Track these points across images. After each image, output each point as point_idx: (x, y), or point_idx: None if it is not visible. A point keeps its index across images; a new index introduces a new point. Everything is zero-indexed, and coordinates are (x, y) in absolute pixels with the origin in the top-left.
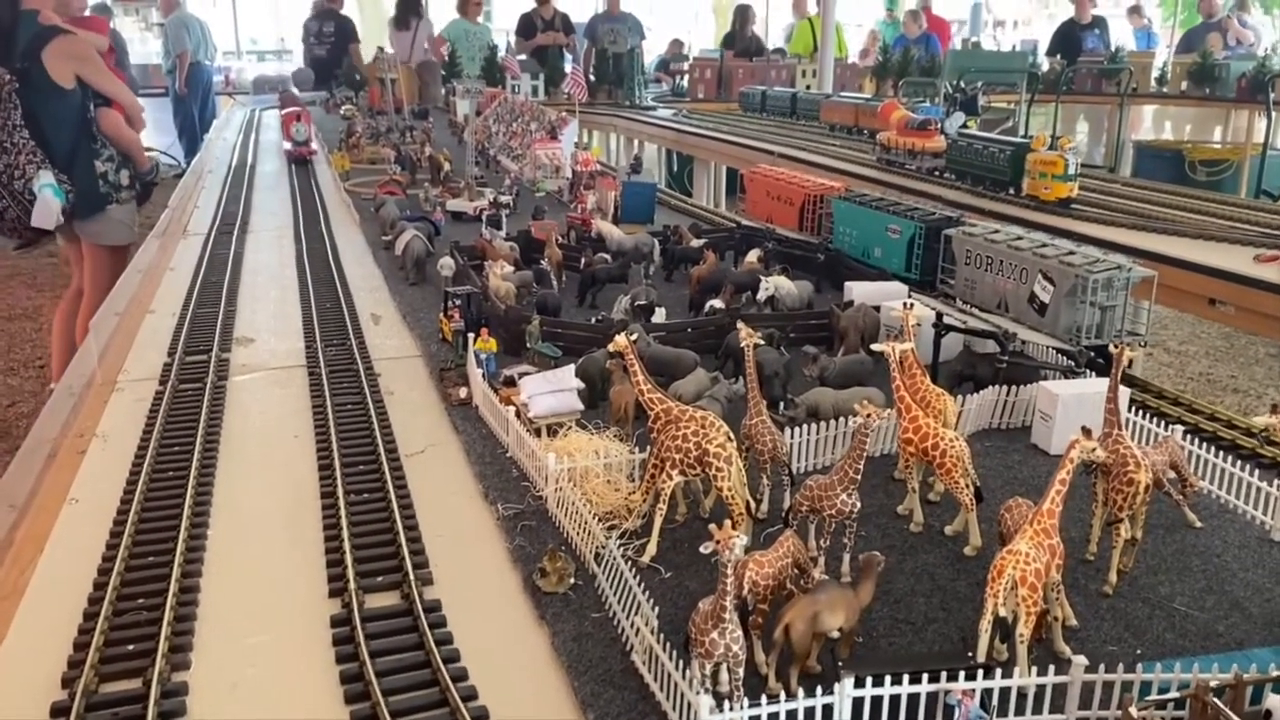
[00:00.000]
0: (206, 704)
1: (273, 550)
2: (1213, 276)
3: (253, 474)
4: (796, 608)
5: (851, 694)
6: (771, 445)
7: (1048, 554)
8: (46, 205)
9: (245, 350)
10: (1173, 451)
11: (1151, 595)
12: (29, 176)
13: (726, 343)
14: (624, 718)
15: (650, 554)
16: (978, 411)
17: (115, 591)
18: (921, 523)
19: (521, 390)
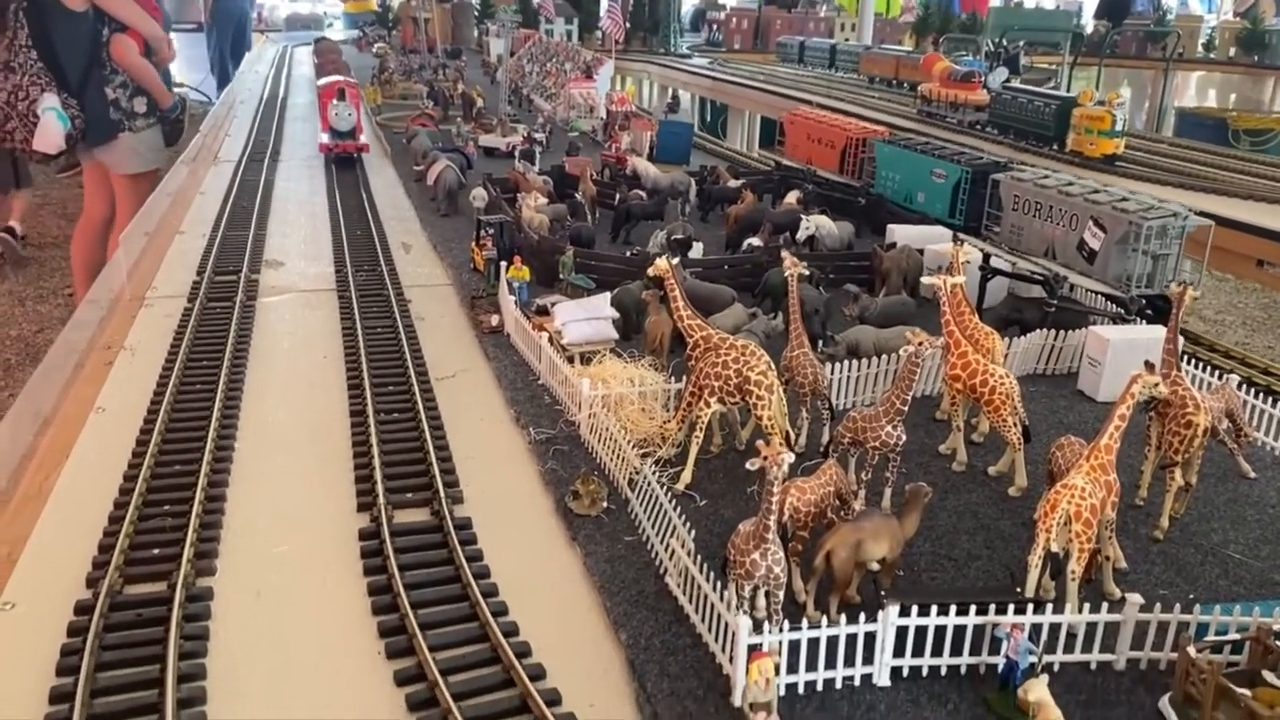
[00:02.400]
0: (231, 609)
1: (300, 464)
2: (1263, 237)
3: (281, 391)
4: (839, 535)
5: (896, 622)
6: (812, 378)
7: (1104, 490)
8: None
9: (275, 273)
10: (1229, 399)
11: (1204, 542)
12: (33, 99)
13: (766, 279)
14: (657, 638)
15: (685, 481)
16: (1024, 356)
17: (140, 498)
18: (965, 462)
19: (556, 317)
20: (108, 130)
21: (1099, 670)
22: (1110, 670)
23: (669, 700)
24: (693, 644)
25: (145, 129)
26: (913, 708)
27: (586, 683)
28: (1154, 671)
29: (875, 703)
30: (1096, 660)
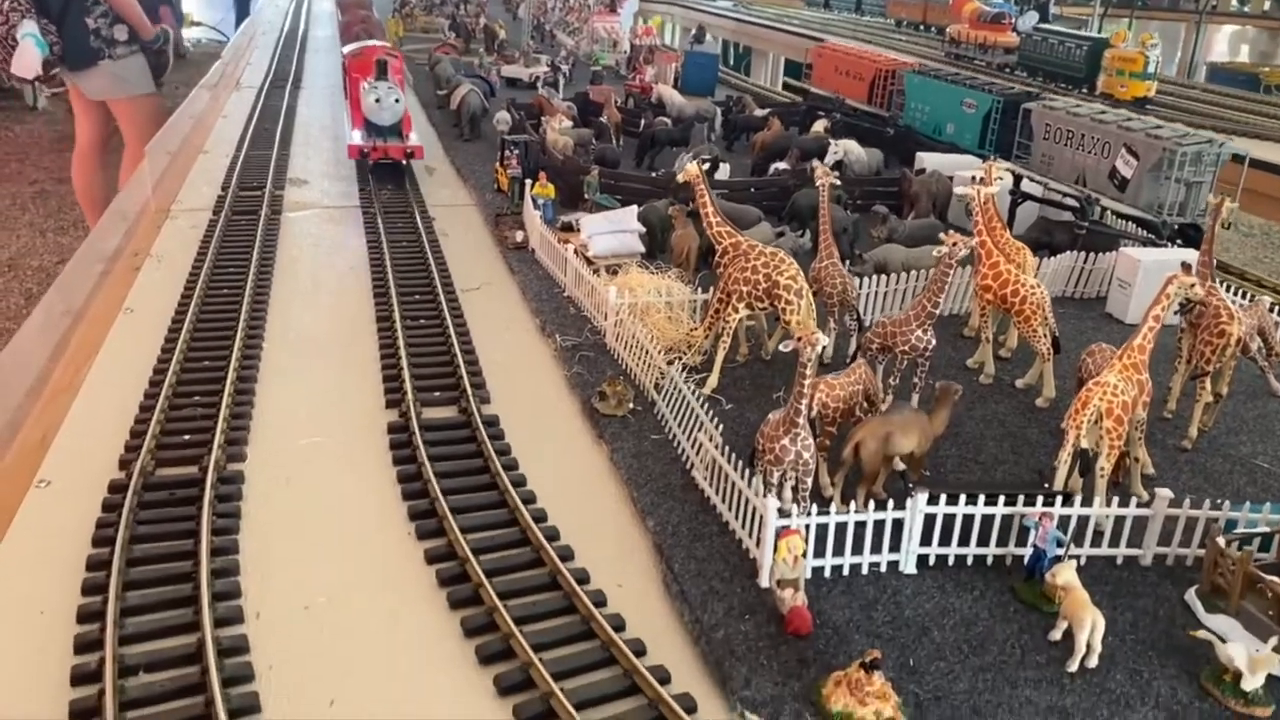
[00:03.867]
0: (262, 493)
1: (328, 365)
2: None
3: (307, 298)
4: (869, 427)
5: (924, 510)
6: (841, 289)
7: (1136, 389)
8: (26, 54)
9: (299, 190)
10: (1261, 316)
11: (1232, 453)
12: (13, 24)
13: (793, 202)
14: (684, 526)
15: (712, 386)
16: (1053, 277)
17: (170, 389)
18: (992, 374)
19: (582, 229)
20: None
21: (1125, 564)
22: (1136, 565)
23: (695, 580)
24: (719, 531)
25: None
26: (938, 594)
27: (614, 564)
28: (1180, 567)
29: (901, 588)
30: (1123, 555)
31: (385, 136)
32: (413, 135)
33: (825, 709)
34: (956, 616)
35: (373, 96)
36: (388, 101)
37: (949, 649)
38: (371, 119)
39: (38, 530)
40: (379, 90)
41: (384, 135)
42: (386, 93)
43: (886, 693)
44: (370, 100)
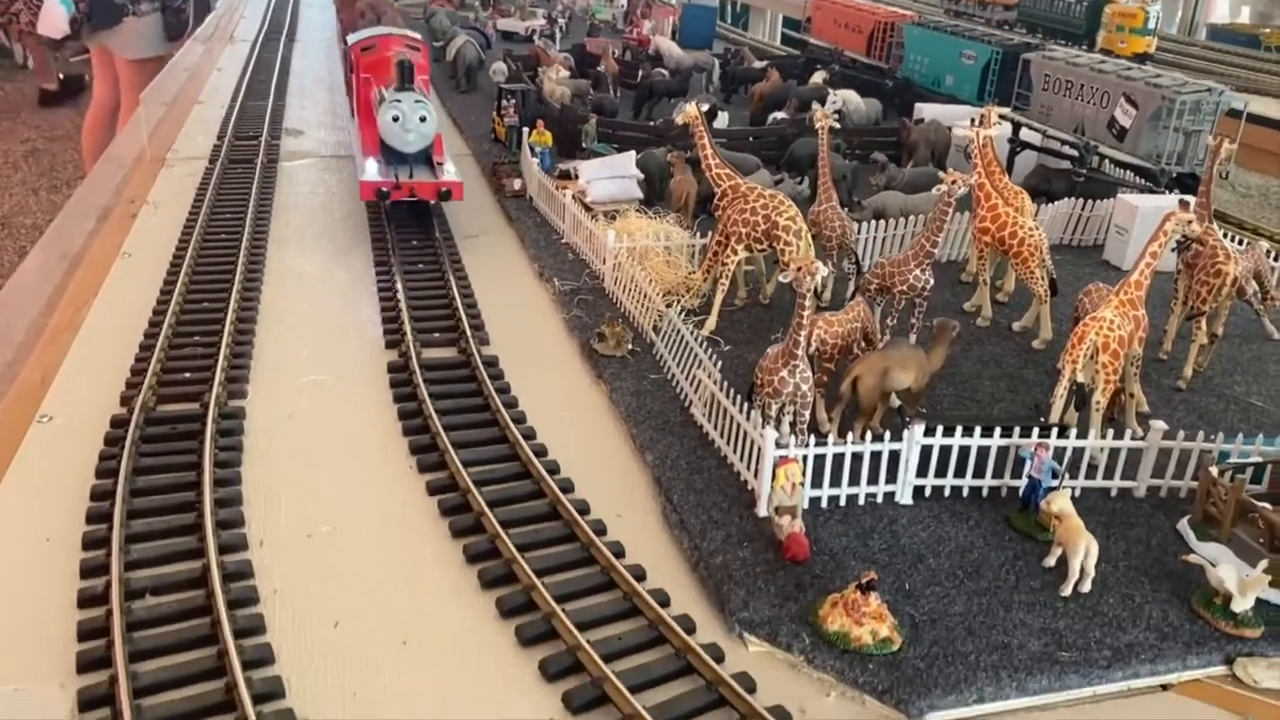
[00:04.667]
0: (263, 428)
1: (327, 307)
2: None
3: (306, 243)
4: (867, 362)
5: (920, 441)
6: (840, 232)
7: (1132, 324)
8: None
9: (295, 140)
10: (1258, 260)
11: (1226, 392)
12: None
13: (791, 151)
14: (682, 460)
15: (710, 327)
16: (1051, 224)
17: (170, 329)
18: (989, 317)
19: (580, 175)
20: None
21: (1119, 496)
22: (1130, 497)
23: (694, 510)
24: (717, 465)
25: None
26: (934, 523)
27: (614, 496)
28: (1173, 499)
29: (897, 517)
30: (1118, 487)
31: (410, 167)
32: (447, 163)
33: (822, 629)
34: (952, 544)
35: (391, 114)
36: (412, 120)
37: (944, 575)
38: (391, 144)
39: (40, 463)
40: (401, 105)
41: (408, 165)
42: (411, 108)
43: (882, 613)
44: (388, 119)
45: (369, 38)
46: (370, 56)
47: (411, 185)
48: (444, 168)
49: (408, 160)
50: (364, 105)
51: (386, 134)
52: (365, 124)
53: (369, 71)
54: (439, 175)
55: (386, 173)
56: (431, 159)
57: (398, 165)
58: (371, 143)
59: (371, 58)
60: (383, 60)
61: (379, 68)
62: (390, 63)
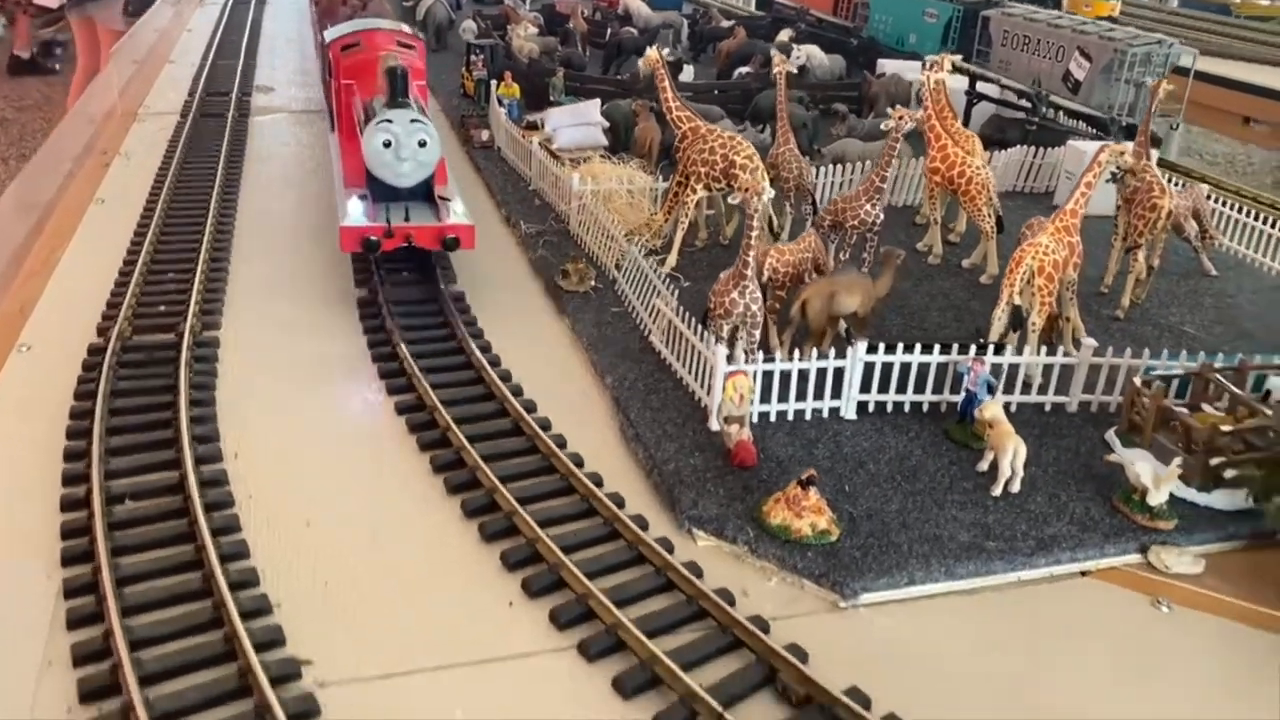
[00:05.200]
0: (236, 355)
1: (299, 248)
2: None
3: (278, 191)
4: (815, 286)
5: (863, 358)
6: (797, 173)
7: (1067, 250)
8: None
9: (265, 97)
10: (1197, 199)
11: (1162, 321)
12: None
13: (755, 103)
14: (640, 383)
15: (671, 265)
16: (1004, 170)
17: (145, 266)
18: (941, 255)
19: (546, 123)
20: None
21: (1053, 411)
22: (1063, 411)
23: (650, 425)
24: (674, 387)
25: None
26: (875, 434)
27: (575, 415)
28: (1103, 413)
29: (841, 430)
30: (1051, 402)
31: (405, 206)
32: (454, 200)
33: (765, 523)
34: (891, 453)
35: (380, 137)
36: (408, 145)
37: (883, 478)
38: (380, 175)
39: (19, 388)
40: (394, 127)
41: (401, 202)
42: (407, 131)
43: (821, 507)
44: (376, 144)
45: (352, 33)
46: (354, 58)
47: (407, 231)
48: (449, 206)
49: (400, 195)
50: (346, 121)
51: (374, 163)
52: (348, 146)
53: (352, 77)
54: (442, 216)
55: (374, 214)
56: (431, 191)
57: (388, 203)
58: (355, 172)
59: (355, 59)
60: (369, 63)
61: (365, 73)
62: (378, 68)
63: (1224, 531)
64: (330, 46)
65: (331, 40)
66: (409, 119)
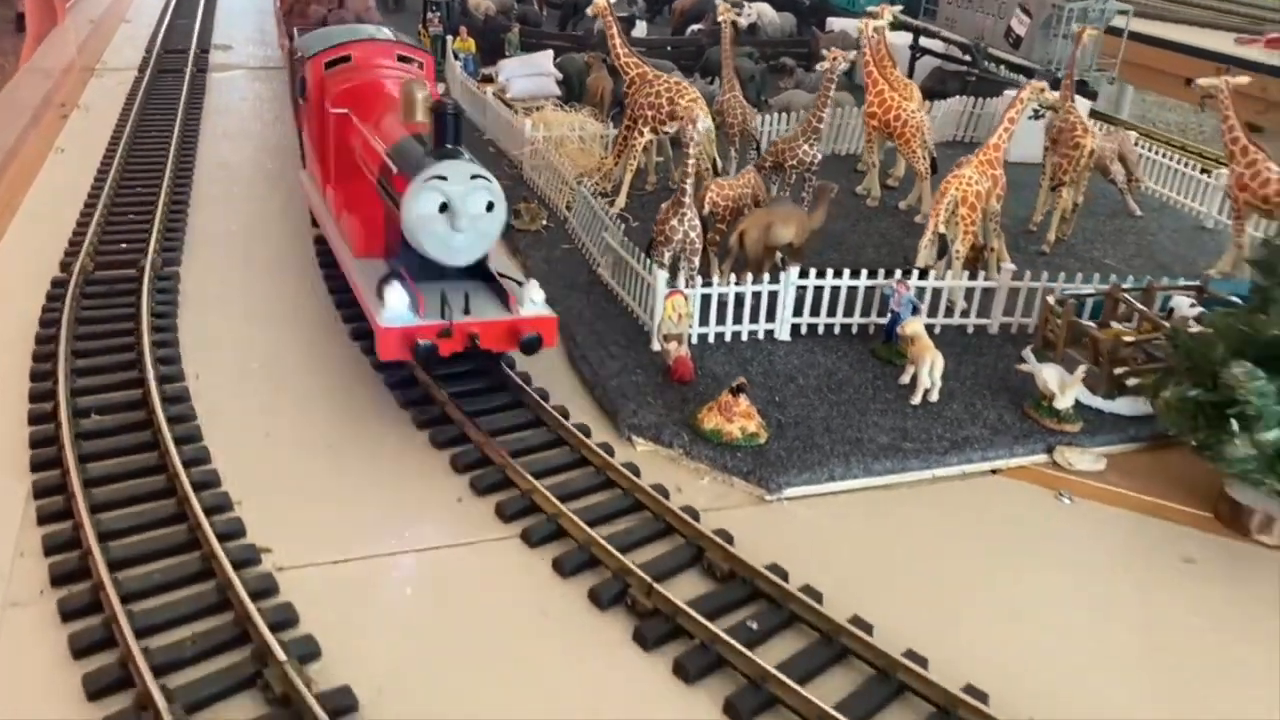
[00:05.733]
0: (197, 288)
1: (257, 193)
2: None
3: (236, 141)
4: (753, 218)
5: (796, 283)
6: (741, 119)
7: (990, 182)
8: None
9: (224, 54)
10: (1122, 143)
11: (1085, 256)
12: None
13: (706, 57)
14: (587, 311)
15: (620, 205)
16: (944, 120)
17: (106, 208)
18: (878, 198)
19: (500, 72)
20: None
21: (975, 332)
22: (985, 333)
23: (595, 348)
24: (618, 314)
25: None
26: (807, 354)
27: None
28: (1022, 334)
29: (775, 351)
30: (973, 324)
31: (463, 292)
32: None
33: (699, 429)
34: (821, 369)
35: (433, 201)
36: (468, 213)
37: (811, 390)
38: (428, 250)
39: None
40: (451, 188)
41: (448, 282)
42: (470, 192)
43: (751, 413)
44: (427, 209)
45: (339, 45)
46: (346, 79)
47: (471, 330)
48: (522, 291)
49: (445, 273)
50: (344, 164)
51: (420, 233)
52: (352, 198)
53: (347, 103)
54: (514, 306)
55: (426, 307)
56: (484, 268)
57: (431, 283)
58: (373, 238)
59: (349, 80)
60: (370, 87)
61: (365, 99)
62: (383, 93)
63: (1125, 434)
64: (310, 63)
65: (311, 54)
66: (469, 174)
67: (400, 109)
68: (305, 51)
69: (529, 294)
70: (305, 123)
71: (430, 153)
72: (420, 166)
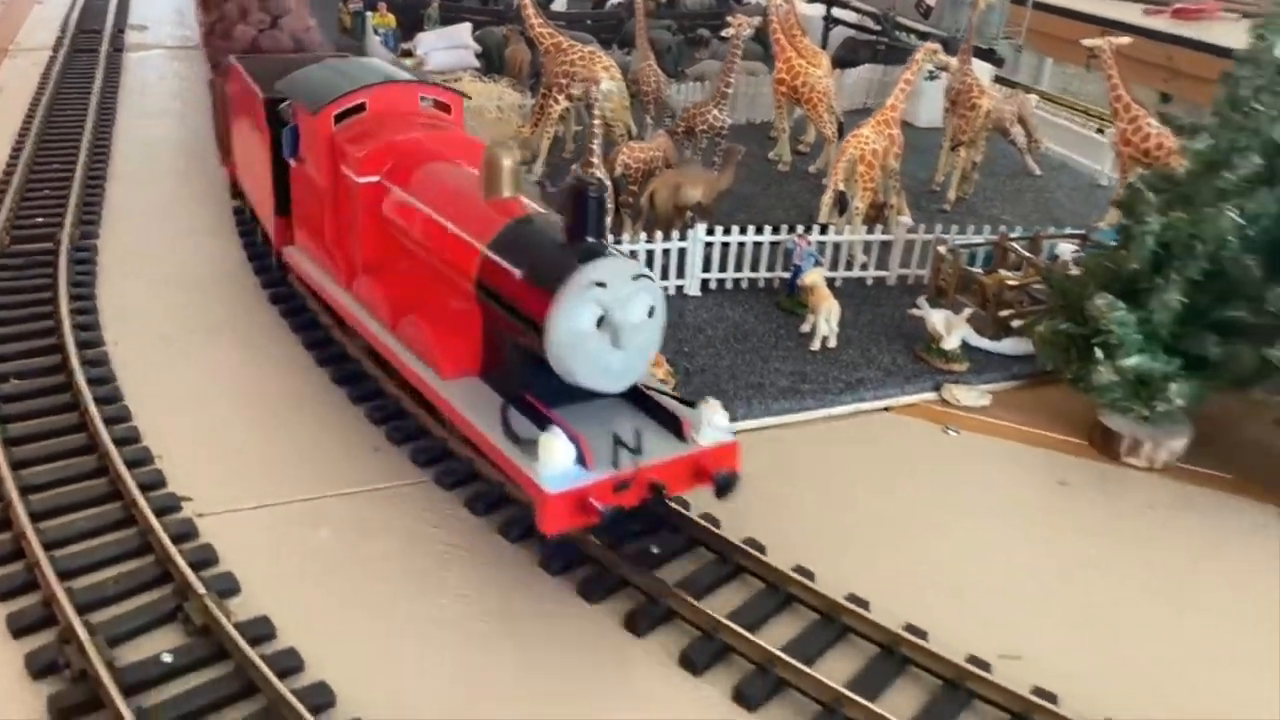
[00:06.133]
0: (116, 259)
1: (176, 168)
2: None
3: (154, 119)
4: (662, 179)
5: (703, 239)
6: (655, 87)
7: (887, 140)
8: None
9: (140, 34)
10: (1022, 105)
11: (984, 213)
12: None
13: (624, 31)
14: None
15: (538, 173)
16: (854, 87)
17: (21, 184)
18: (789, 162)
19: (418, 45)
20: None
21: (874, 284)
22: (883, 284)
23: None
24: None
25: None
26: (715, 307)
27: None
28: (918, 284)
29: (684, 306)
30: (872, 276)
31: (614, 414)
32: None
33: None
34: (728, 321)
35: (589, 314)
36: (631, 323)
37: (718, 341)
38: (576, 375)
39: None
40: (611, 296)
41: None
42: (633, 297)
43: (660, 361)
44: (581, 323)
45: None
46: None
47: (650, 476)
48: (699, 416)
49: (576, 393)
50: (388, 250)
51: (571, 358)
52: (422, 301)
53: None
54: (687, 431)
55: (595, 455)
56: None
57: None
58: (467, 355)
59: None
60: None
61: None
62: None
63: (1009, 372)
64: (309, 115)
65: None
66: (630, 274)
67: (480, 179)
68: (301, 98)
69: (708, 416)
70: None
71: (568, 248)
72: (564, 270)
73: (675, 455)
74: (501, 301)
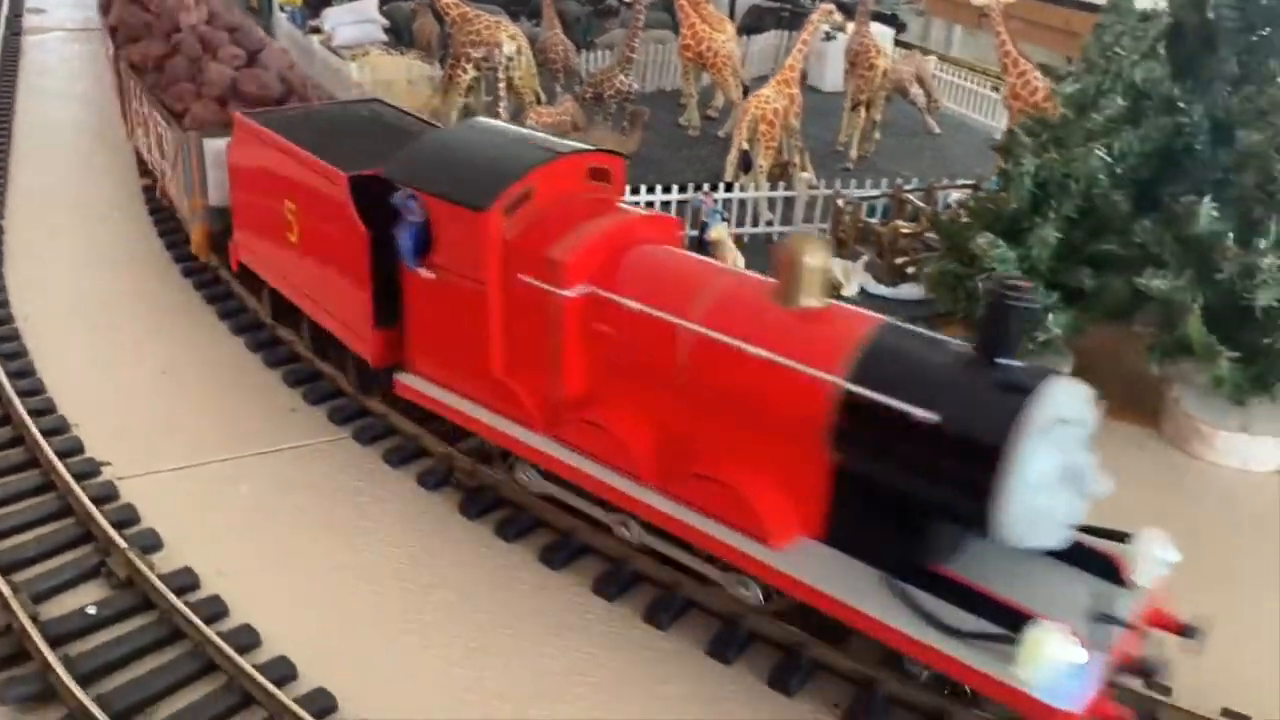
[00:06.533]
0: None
1: (80, 149)
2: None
3: (56, 100)
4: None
5: None
6: (564, 55)
7: (786, 100)
8: None
9: (38, 18)
10: (920, 67)
11: (885, 170)
12: None
13: (533, 3)
14: None
15: None
16: (760, 55)
17: None
18: (698, 126)
19: (325, 21)
20: None
21: (781, 239)
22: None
23: None
24: None
25: None
26: None
27: None
28: (822, 236)
29: None
30: (778, 232)
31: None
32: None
33: None
34: None
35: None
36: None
37: None
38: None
39: None
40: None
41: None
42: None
43: None
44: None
45: (525, 176)
46: (542, 231)
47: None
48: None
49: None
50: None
51: (1026, 519)
52: (720, 445)
53: (612, 287)
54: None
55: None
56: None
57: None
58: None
59: (548, 232)
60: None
61: (609, 266)
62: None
63: (908, 315)
64: (483, 215)
65: (482, 202)
66: (1082, 397)
67: (776, 284)
68: (448, 189)
69: (1148, 547)
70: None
71: (996, 375)
72: (1011, 408)
73: (1130, 614)
74: (891, 454)
